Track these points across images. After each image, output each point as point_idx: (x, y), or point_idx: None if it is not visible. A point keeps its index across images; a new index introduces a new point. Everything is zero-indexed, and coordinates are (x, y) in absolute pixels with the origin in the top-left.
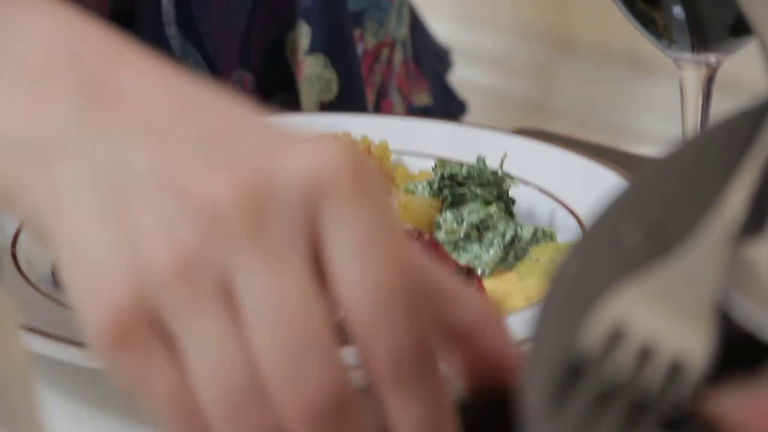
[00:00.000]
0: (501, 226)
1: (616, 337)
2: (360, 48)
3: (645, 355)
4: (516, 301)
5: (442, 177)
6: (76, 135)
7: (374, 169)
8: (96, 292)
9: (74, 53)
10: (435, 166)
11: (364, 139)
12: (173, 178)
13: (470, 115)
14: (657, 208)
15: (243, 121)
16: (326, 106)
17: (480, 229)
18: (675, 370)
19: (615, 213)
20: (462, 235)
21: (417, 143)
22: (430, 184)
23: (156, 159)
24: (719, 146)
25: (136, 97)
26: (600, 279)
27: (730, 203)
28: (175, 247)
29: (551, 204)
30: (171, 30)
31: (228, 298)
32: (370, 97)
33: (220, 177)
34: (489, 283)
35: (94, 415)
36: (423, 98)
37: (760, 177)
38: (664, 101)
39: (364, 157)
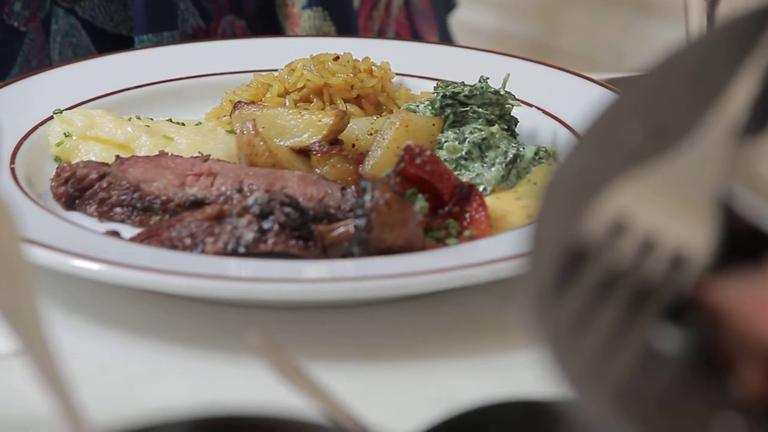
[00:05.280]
0: (503, 145)
1: (618, 229)
2: None
3: (647, 246)
4: (516, 218)
5: (444, 96)
6: None
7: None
8: None
9: None
10: (437, 85)
11: (366, 60)
12: None
13: None
14: (660, 107)
15: None
16: None
17: (482, 148)
18: (677, 261)
19: (618, 112)
20: (464, 154)
21: (420, 66)
22: (432, 104)
23: None
24: (722, 47)
25: None
26: (603, 174)
27: (732, 102)
28: None
29: (554, 125)
30: None
31: None
32: None
33: None
34: (488, 201)
35: (95, 326)
36: (434, 39)
37: (763, 77)
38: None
39: None
